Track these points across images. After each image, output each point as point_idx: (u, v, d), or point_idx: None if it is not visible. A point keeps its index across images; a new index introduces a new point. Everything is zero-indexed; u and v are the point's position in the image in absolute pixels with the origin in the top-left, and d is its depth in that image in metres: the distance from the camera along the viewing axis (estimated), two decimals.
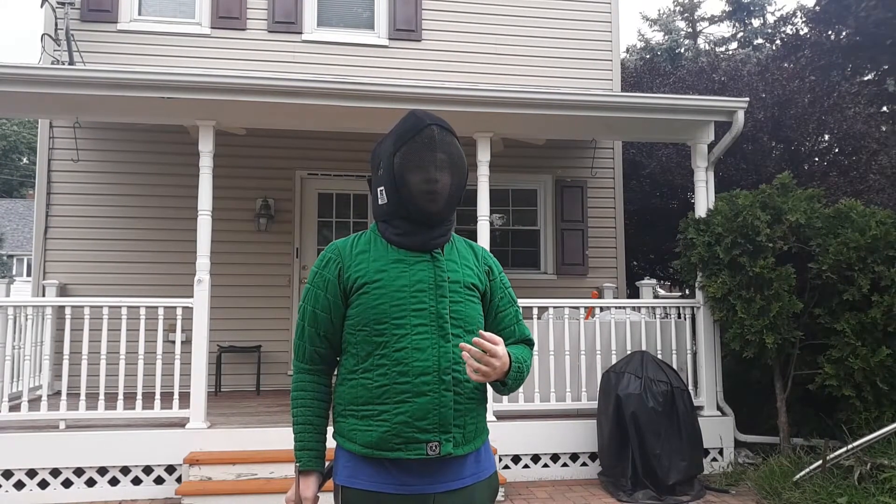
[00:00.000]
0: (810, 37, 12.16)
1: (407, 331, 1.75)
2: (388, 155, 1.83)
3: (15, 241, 34.91)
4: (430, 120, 1.83)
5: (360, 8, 8.24)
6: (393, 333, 1.75)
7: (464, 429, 1.77)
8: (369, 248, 1.86)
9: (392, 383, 1.74)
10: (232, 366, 7.46)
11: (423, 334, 1.75)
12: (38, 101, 5.52)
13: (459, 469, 1.80)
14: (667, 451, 5.16)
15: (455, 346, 1.77)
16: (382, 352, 1.75)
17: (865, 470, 4.71)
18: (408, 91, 5.66)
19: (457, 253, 1.91)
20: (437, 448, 1.72)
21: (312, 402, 1.87)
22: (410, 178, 1.79)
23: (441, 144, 1.82)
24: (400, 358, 1.74)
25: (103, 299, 5.52)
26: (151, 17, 7.80)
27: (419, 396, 1.72)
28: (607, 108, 6.00)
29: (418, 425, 1.72)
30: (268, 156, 7.75)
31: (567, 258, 8.30)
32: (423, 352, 1.74)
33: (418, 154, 1.80)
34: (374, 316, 1.76)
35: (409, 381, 1.73)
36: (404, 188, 1.79)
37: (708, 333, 6.10)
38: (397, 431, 1.72)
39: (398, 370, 1.73)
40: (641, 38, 23.44)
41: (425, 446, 1.72)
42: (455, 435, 1.76)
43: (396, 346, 1.74)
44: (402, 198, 1.80)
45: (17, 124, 40.33)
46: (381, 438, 1.73)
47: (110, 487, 5.10)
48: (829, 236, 5.52)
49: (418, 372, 1.73)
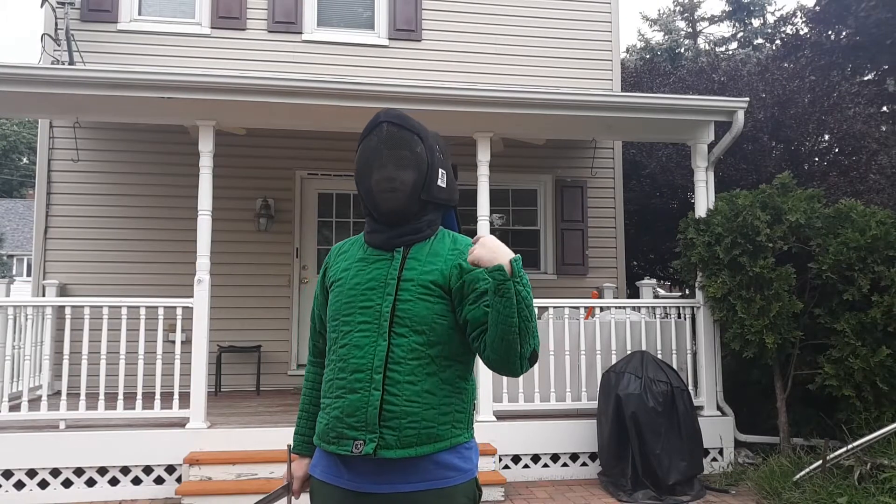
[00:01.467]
0: (810, 37, 12.16)
1: (351, 328, 1.76)
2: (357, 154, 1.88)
3: (15, 241, 34.92)
4: (385, 117, 1.82)
5: (360, 8, 8.24)
6: (341, 330, 1.78)
7: (399, 431, 1.67)
8: (350, 247, 1.93)
9: (335, 378, 1.77)
10: (232, 366, 7.46)
11: (364, 332, 1.74)
12: (38, 101, 5.52)
13: (408, 473, 1.69)
14: (667, 450, 5.16)
15: (396, 346, 1.71)
16: (333, 347, 1.81)
17: (865, 470, 4.71)
18: (408, 91, 5.66)
19: (428, 251, 1.81)
20: (360, 447, 1.68)
21: (310, 392, 2.00)
22: (366, 177, 1.81)
23: (392, 141, 1.79)
24: (342, 354, 1.76)
25: (103, 299, 5.52)
26: (151, 17, 7.80)
27: (351, 393, 1.72)
28: (607, 108, 6.00)
29: (347, 422, 1.71)
30: (268, 156, 7.74)
31: (567, 258, 8.29)
32: (361, 349, 1.73)
33: (371, 152, 1.81)
34: (331, 313, 1.82)
35: (346, 378, 1.73)
36: (362, 186, 1.83)
37: (708, 333, 6.10)
38: (332, 426, 1.75)
39: (339, 366, 1.76)
40: (641, 38, 23.45)
41: (352, 443, 1.69)
42: (385, 436, 1.67)
43: (341, 342, 1.77)
44: (364, 196, 1.84)
45: (17, 124, 40.34)
46: (322, 430, 1.79)
47: (110, 487, 5.10)
48: (829, 236, 5.52)
49: (353, 369, 1.72)
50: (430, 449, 1.70)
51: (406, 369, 1.70)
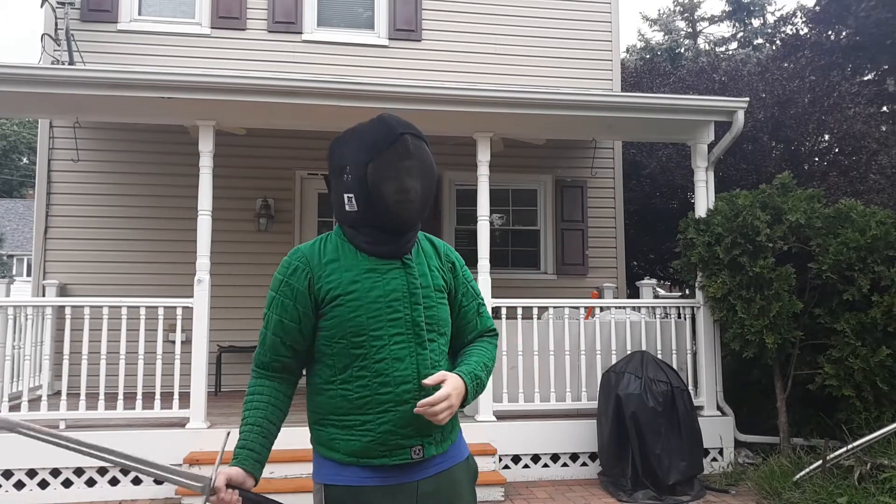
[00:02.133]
0: (810, 37, 12.16)
1: (385, 342, 1.75)
2: (361, 164, 1.77)
3: (15, 241, 34.92)
4: (403, 128, 1.80)
5: (360, 8, 8.24)
6: (371, 345, 1.74)
7: (442, 429, 1.81)
8: (339, 255, 1.82)
9: (374, 394, 1.74)
10: (232, 366, 7.46)
11: (401, 343, 1.76)
12: (38, 101, 5.52)
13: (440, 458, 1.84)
14: (667, 450, 5.16)
15: (432, 352, 1.80)
16: (362, 363, 1.74)
17: (865, 470, 4.71)
18: (408, 91, 5.66)
19: (423, 255, 1.89)
20: (420, 452, 1.77)
21: (266, 407, 1.85)
22: (385, 189, 1.75)
23: (415, 153, 1.79)
24: (380, 369, 1.74)
25: (103, 299, 5.52)
26: (151, 17, 7.80)
27: (402, 405, 1.73)
28: (607, 108, 6.00)
29: (402, 432, 1.74)
30: (268, 156, 7.74)
31: (567, 258, 8.29)
32: (402, 361, 1.75)
33: (393, 165, 1.76)
34: (351, 328, 1.74)
35: (391, 391, 1.73)
36: (379, 199, 1.76)
37: (708, 333, 6.10)
38: (382, 440, 1.74)
39: (379, 381, 1.74)
40: (641, 38, 23.46)
41: (409, 451, 1.75)
42: (435, 436, 1.80)
43: (376, 357, 1.74)
44: (375, 208, 1.77)
45: (17, 124, 40.33)
46: (365, 448, 1.75)
47: (110, 487, 5.10)
48: (829, 236, 5.52)
49: (399, 381, 1.74)
50: (456, 435, 1.91)
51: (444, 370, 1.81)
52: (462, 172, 7.99)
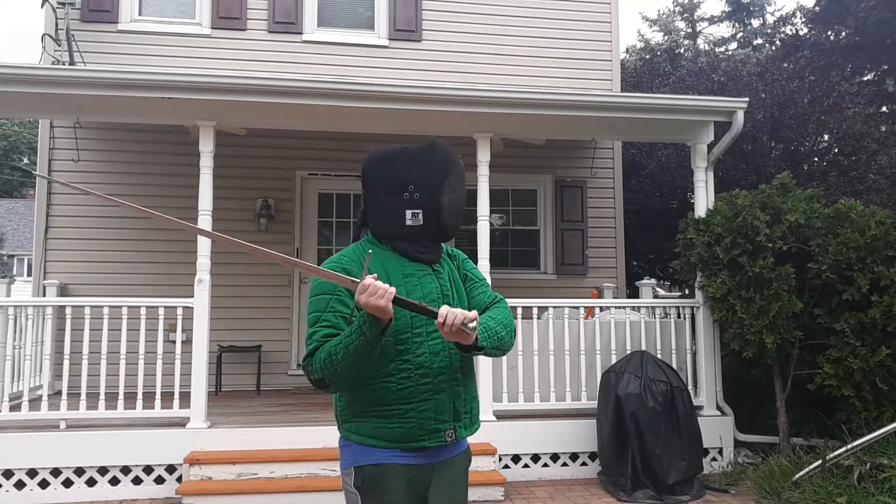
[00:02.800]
0: (810, 37, 12.17)
1: (424, 338, 2.00)
2: (434, 183, 2.07)
3: (15, 241, 34.91)
4: (456, 154, 2.17)
5: (361, 8, 8.25)
6: (414, 342, 1.99)
7: (471, 413, 2.10)
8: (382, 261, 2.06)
9: (416, 385, 1.97)
10: (232, 366, 7.47)
11: (437, 339, 2.00)
12: (38, 101, 5.52)
13: (453, 445, 2.09)
14: (666, 450, 5.17)
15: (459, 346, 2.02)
16: (405, 357, 1.97)
17: (865, 470, 4.71)
18: (408, 91, 5.67)
19: (444, 259, 2.19)
20: (453, 435, 2.03)
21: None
22: (449, 205, 2.09)
23: (463, 175, 2.16)
24: (421, 362, 1.98)
25: (104, 299, 5.53)
26: (152, 18, 7.81)
27: (439, 393, 1.99)
28: (607, 108, 6.00)
29: (439, 418, 2.00)
30: (268, 156, 7.75)
31: (567, 258, 8.30)
32: (438, 355, 2.00)
33: (459, 184, 2.13)
34: (396, 327, 1.95)
35: (430, 381, 1.98)
36: (444, 213, 2.08)
37: (707, 333, 6.11)
38: (423, 425, 1.98)
39: (420, 373, 1.98)
40: (641, 38, 23.47)
41: (444, 434, 2.01)
42: (465, 420, 2.07)
43: (417, 352, 1.98)
44: (441, 220, 2.08)
45: (17, 124, 40.32)
46: (408, 433, 1.97)
47: (111, 487, 5.11)
48: (828, 236, 5.52)
49: (437, 372, 1.99)
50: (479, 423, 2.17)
51: (468, 362, 2.09)
52: None
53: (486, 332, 1.97)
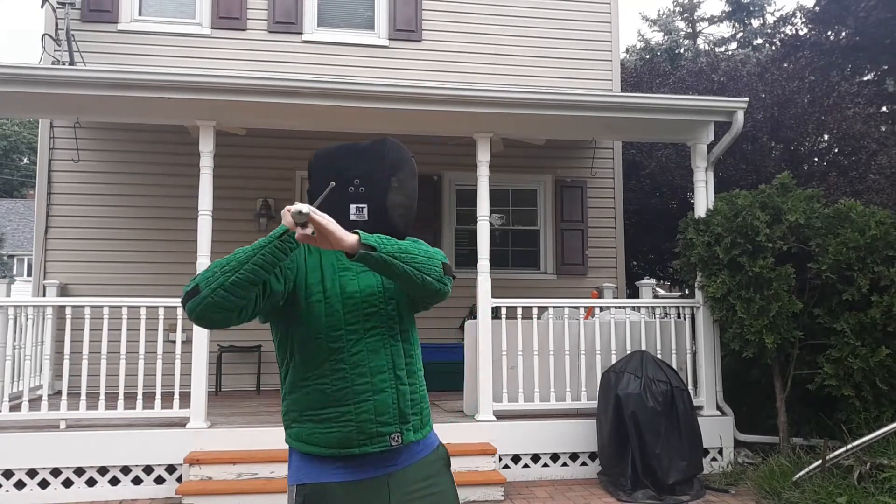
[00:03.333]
0: (810, 37, 12.16)
1: (360, 335, 1.86)
2: (382, 178, 1.98)
3: (15, 241, 34.90)
4: (409, 153, 2.07)
5: (361, 8, 8.25)
6: (349, 339, 1.85)
7: (421, 415, 1.92)
8: (320, 254, 1.95)
9: (352, 385, 1.84)
10: (232, 365, 7.47)
11: (376, 336, 1.87)
12: (38, 102, 5.52)
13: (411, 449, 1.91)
14: (666, 450, 5.16)
15: (405, 342, 1.92)
16: (339, 356, 1.84)
17: (865, 470, 4.71)
18: (408, 91, 5.67)
19: None
20: (399, 438, 1.85)
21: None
22: (398, 201, 1.99)
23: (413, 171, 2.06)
24: (358, 360, 1.84)
25: (104, 299, 5.53)
26: (152, 18, 7.81)
27: (379, 393, 1.84)
28: (607, 108, 6.00)
29: (381, 420, 1.84)
30: (268, 156, 7.75)
31: (567, 258, 8.30)
32: (377, 353, 1.86)
33: (409, 181, 2.03)
34: (332, 323, 1.85)
35: (368, 381, 1.84)
36: (393, 210, 1.97)
37: (707, 333, 6.11)
38: (362, 429, 1.82)
39: (357, 372, 1.84)
40: (641, 38, 23.47)
41: (388, 438, 1.84)
42: (413, 422, 1.89)
43: (353, 350, 1.85)
44: (387, 217, 1.96)
45: (17, 124, 40.32)
46: (346, 437, 1.82)
47: (111, 487, 5.11)
48: (828, 236, 5.52)
49: (375, 371, 1.85)
50: (431, 426, 1.99)
51: (414, 360, 1.94)
52: (462, 172, 8.00)
53: (379, 238, 1.74)
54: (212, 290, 1.69)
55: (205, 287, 1.70)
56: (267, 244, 1.72)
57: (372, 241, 1.71)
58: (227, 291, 1.69)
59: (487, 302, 5.73)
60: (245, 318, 1.80)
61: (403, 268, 1.74)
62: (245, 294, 1.72)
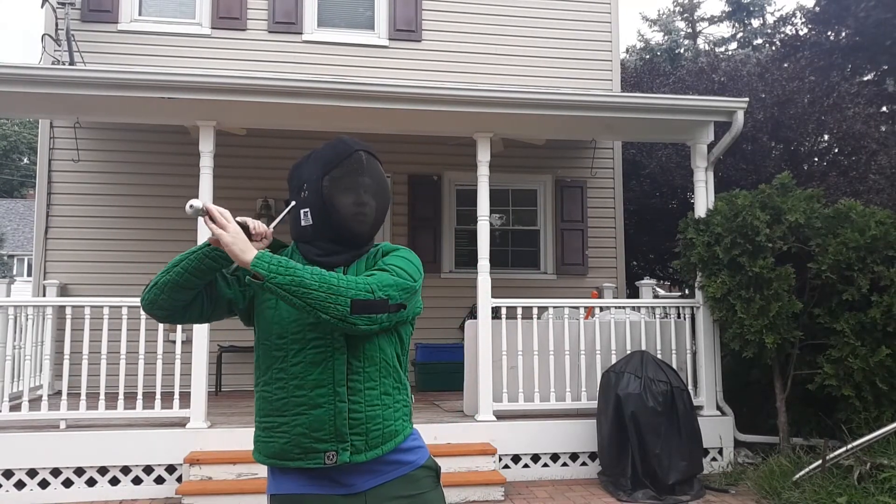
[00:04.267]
0: (810, 37, 12.16)
1: (302, 346, 1.79)
2: (316, 178, 1.87)
3: (15, 241, 34.90)
4: (358, 146, 1.91)
5: (361, 8, 8.25)
6: (291, 348, 1.79)
7: (366, 436, 1.79)
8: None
9: (290, 396, 1.78)
10: (232, 365, 7.47)
11: (318, 348, 1.79)
12: (38, 101, 5.52)
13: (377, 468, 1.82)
14: (666, 450, 5.16)
15: (353, 357, 1.79)
16: (281, 366, 1.80)
17: (865, 470, 4.71)
18: (407, 91, 5.67)
19: (364, 266, 1.91)
20: (334, 457, 1.76)
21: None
22: (340, 201, 1.85)
23: (369, 169, 1.89)
24: (297, 372, 1.78)
25: (104, 299, 5.53)
26: (152, 18, 7.81)
27: (315, 409, 1.77)
28: (607, 108, 6.00)
29: (315, 436, 1.76)
30: (268, 156, 7.75)
31: (567, 258, 8.30)
32: (318, 365, 1.78)
33: (348, 178, 1.87)
34: (277, 330, 1.81)
35: (305, 394, 1.78)
36: (333, 211, 1.85)
37: (707, 333, 6.11)
38: (296, 442, 1.77)
39: (295, 384, 1.78)
40: (641, 38, 23.46)
41: (323, 455, 1.76)
42: (355, 443, 1.78)
43: (294, 360, 1.79)
44: (330, 220, 1.85)
45: (17, 124, 40.32)
46: (281, 449, 1.78)
47: (111, 487, 5.11)
48: (828, 236, 5.53)
49: (313, 385, 1.77)
50: (393, 445, 1.83)
51: (365, 377, 1.80)
52: (462, 172, 8.00)
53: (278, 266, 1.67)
54: (149, 287, 1.78)
55: (151, 283, 1.78)
56: (196, 250, 1.76)
57: (262, 267, 1.65)
58: (160, 291, 1.75)
59: (487, 302, 5.73)
60: (196, 319, 1.85)
61: (293, 300, 1.66)
62: (177, 296, 1.76)
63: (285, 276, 1.65)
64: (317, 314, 1.67)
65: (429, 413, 5.98)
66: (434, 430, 5.36)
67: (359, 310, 1.70)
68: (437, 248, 8.10)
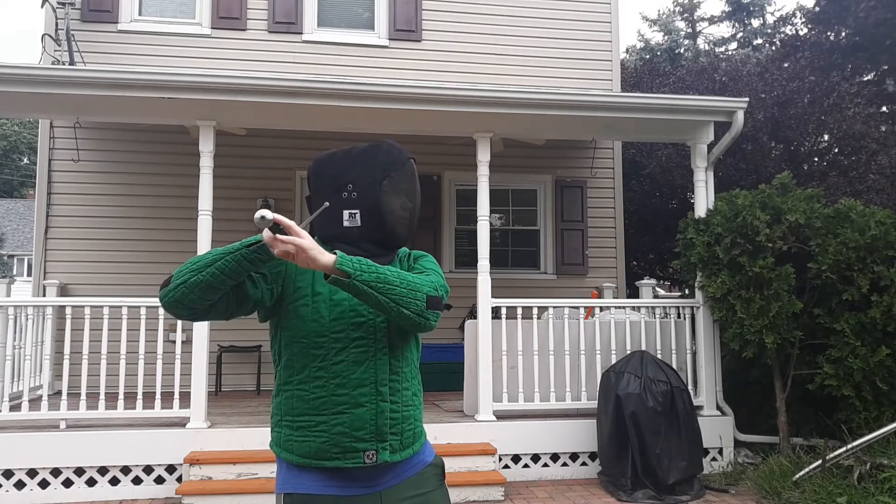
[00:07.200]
0: (810, 37, 12.15)
1: (344, 344, 1.79)
2: (373, 182, 1.90)
3: (15, 241, 34.91)
4: (409, 153, 2.00)
5: (360, 8, 8.25)
6: (332, 347, 1.79)
7: (401, 436, 1.82)
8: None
9: (330, 395, 1.78)
10: (232, 365, 7.47)
11: (361, 347, 1.80)
12: (38, 101, 5.52)
13: (400, 467, 1.85)
14: (666, 450, 5.17)
15: (394, 357, 1.82)
16: (321, 364, 1.79)
17: (865, 470, 4.71)
18: (408, 91, 5.67)
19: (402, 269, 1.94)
20: (374, 456, 1.78)
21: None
22: (393, 206, 1.90)
23: (417, 177, 1.99)
24: (339, 371, 1.78)
25: (104, 299, 5.53)
26: (152, 18, 7.81)
27: (357, 408, 1.78)
28: (607, 108, 6.00)
29: (356, 435, 1.77)
30: (268, 156, 7.75)
31: (567, 258, 8.30)
32: (361, 364, 1.79)
33: (404, 183, 1.94)
34: (316, 329, 1.80)
35: (347, 393, 1.78)
36: (387, 215, 1.89)
37: (708, 333, 6.11)
38: (335, 441, 1.77)
39: (336, 382, 1.78)
40: (641, 38, 23.45)
41: (363, 455, 1.77)
42: (392, 442, 1.81)
43: (335, 359, 1.79)
44: (384, 223, 1.89)
45: (17, 124, 40.33)
46: (319, 448, 1.77)
47: (111, 487, 5.11)
48: (828, 236, 5.53)
49: (355, 384, 1.78)
50: (420, 445, 1.89)
51: (402, 377, 1.85)
52: (462, 172, 8.00)
53: (360, 263, 1.67)
54: (176, 285, 1.70)
55: (173, 281, 1.71)
56: (234, 251, 1.70)
57: (348, 266, 1.65)
58: (189, 290, 1.69)
59: (487, 302, 5.74)
60: (219, 317, 1.80)
61: (378, 297, 1.67)
62: (206, 296, 1.71)
63: (370, 273, 1.67)
64: (399, 310, 1.69)
65: (429, 413, 5.98)
66: (434, 430, 5.36)
67: (431, 306, 1.76)
68: (437, 248, 8.10)
